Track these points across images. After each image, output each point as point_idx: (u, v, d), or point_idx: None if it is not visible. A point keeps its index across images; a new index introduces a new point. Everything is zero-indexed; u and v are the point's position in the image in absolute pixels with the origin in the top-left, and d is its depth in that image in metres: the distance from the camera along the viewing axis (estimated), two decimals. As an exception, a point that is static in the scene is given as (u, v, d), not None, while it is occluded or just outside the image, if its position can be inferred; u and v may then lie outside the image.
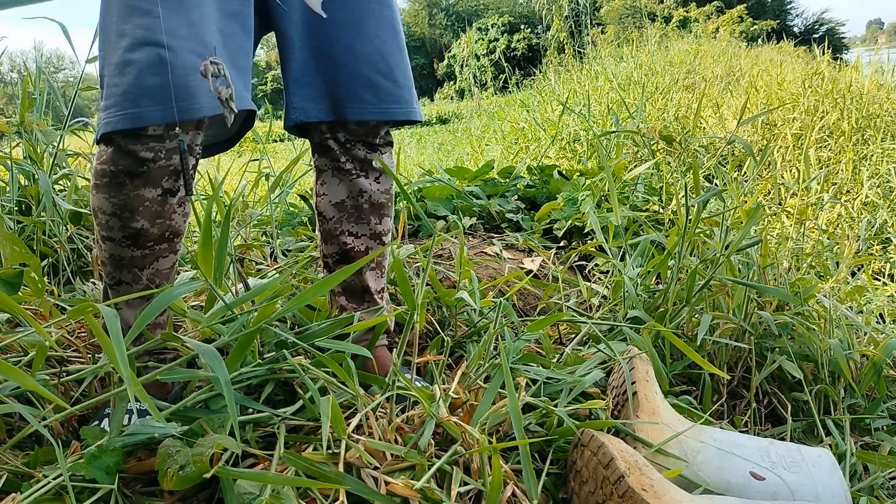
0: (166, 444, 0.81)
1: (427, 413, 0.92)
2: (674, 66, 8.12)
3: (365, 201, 1.21)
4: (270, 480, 0.78)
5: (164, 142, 0.98)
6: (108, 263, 1.07)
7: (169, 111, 0.93)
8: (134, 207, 1.00)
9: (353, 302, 1.25)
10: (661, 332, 1.33)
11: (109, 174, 0.99)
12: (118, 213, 1.01)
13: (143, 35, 0.93)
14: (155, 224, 1.03)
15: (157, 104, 0.93)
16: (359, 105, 1.12)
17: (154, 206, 1.02)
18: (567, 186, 2.47)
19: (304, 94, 1.12)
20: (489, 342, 1.13)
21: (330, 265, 1.26)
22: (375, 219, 1.24)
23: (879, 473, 1.22)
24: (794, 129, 4.69)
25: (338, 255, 1.24)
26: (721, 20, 19.66)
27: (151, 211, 1.02)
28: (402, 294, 1.00)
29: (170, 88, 0.92)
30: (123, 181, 0.99)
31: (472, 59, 26.32)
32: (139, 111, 0.93)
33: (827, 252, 2.28)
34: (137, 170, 0.98)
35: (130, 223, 1.01)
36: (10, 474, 0.81)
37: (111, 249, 1.04)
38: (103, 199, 1.01)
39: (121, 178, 0.99)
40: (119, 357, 0.71)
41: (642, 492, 0.84)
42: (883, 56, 6.99)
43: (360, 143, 1.19)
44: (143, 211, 1.01)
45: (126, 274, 1.06)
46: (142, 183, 0.99)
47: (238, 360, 0.94)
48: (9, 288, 1.03)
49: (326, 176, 1.22)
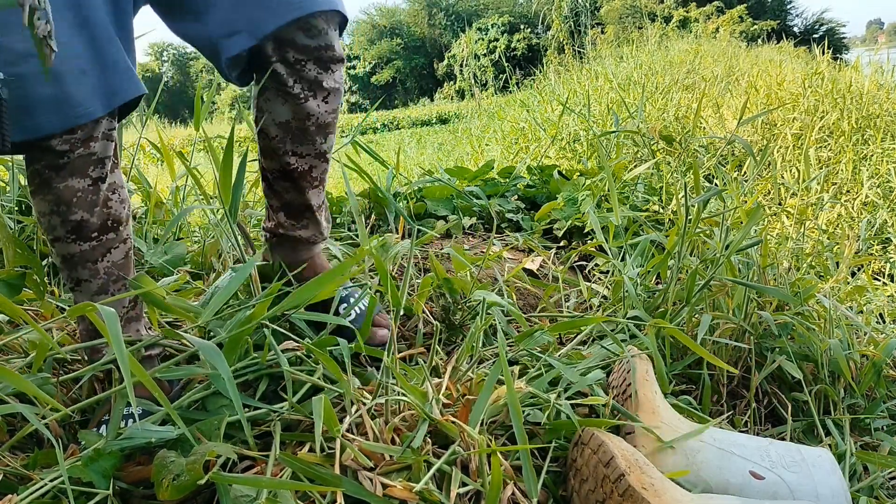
0: (161, 455, 0.81)
1: (420, 414, 0.92)
2: (674, 66, 8.12)
3: (312, 124, 1.18)
4: (265, 485, 0.78)
5: (75, 133, 0.99)
6: (63, 267, 1.08)
7: (66, 118, 0.95)
8: (68, 200, 1.02)
9: (291, 219, 1.27)
10: (660, 333, 1.33)
11: (37, 172, 1.01)
12: (55, 209, 1.02)
13: (24, 47, 0.90)
14: (94, 213, 1.04)
15: (53, 113, 0.95)
16: (278, 7, 1.05)
17: (88, 196, 1.03)
18: (567, 186, 2.47)
19: (235, 18, 1.06)
20: (477, 334, 1.13)
21: (270, 179, 1.27)
22: (321, 138, 1.22)
23: (879, 473, 1.22)
24: (794, 129, 4.69)
25: (279, 171, 1.24)
26: (721, 20, 19.66)
27: (86, 201, 1.03)
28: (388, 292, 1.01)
29: (63, 97, 0.94)
30: (50, 176, 1.01)
31: (471, 59, 26.32)
32: (36, 123, 0.94)
33: (827, 252, 2.28)
34: (58, 161, 1.00)
35: (69, 216, 1.03)
36: (7, 476, 0.81)
37: (60, 249, 1.06)
38: (39, 201, 1.03)
39: (46, 173, 1.01)
40: (119, 354, 0.71)
41: (642, 490, 0.84)
42: (883, 56, 6.99)
43: (312, 62, 1.12)
44: (78, 202, 1.03)
45: (82, 271, 1.07)
46: (67, 174, 1.01)
47: (232, 356, 0.94)
48: (11, 289, 1.04)
49: (270, 94, 1.16)
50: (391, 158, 2.71)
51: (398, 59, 31.23)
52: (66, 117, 0.96)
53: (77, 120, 0.97)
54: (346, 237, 2.15)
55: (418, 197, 2.41)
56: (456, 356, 1.12)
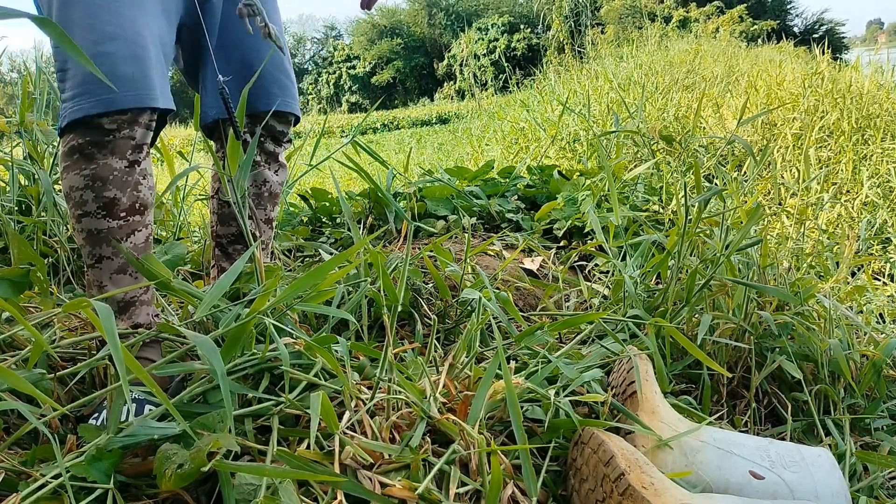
0: (164, 448, 0.81)
1: (417, 413, 0.92)
2: (674, 66, 8.12)
3: (266, 190, 1.41)
4: (268, 473, 0.78)
5: (125, 115, 1.06)
6: (86, 243, 1.11)
7: (140, 96, 1.05)
8: (104, 176, 1.07)
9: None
10: (661, 333, 1.33)
11: (77, 148, 1.07)
12: (90, 184, 1.07)
13: (113, 30, 1.05)
14: (125, 193, 1.09)
15: (131, 90, 1.04)
16: (268, 98, 1.31)
17: (123, 176, 1.09)
18: (567, 186, 2.47)
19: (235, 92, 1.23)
20: (474, 330, 1.13)
21: (224, 245, 1.43)
22: (270, 206, 1.43)
23: (879, 473, 1.22)
24: (794, 129, 4.68)
25: (234, 236, 1.42)
26: (721, 20, 19.66)
27: (121, 181, 1.09)
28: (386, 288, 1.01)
29: (139, 78, 1.05)
30: (92, 152, 1.06)
31: (471, 59, 26.32)
32: (114, 97, 1.03)
33: (827, 252, 2.28)
34: (103, 139, 1.06)
35: (103, 192, 1.08)
36: (6, 472, 0.81)
37: (88, 225, 1.09)
38: (75, 176, 1.08)
39: (89, 149, 1.06)
40: (114, 350, 0.71)
41: (643, 490, 0.84)
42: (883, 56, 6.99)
43: (271, 138, 1.39)
44: (114, 180, 1.08)
45: (105, 248, 1.10)
46: (108, 152, 1.07)
47: (233, 351, 0.94)
48: (16, 287, 1.04)
49: None
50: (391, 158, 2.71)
51: (398, 59, 31.25)
52: (140, 97, 1.06)
53: (150, 101, 1.07)
54: (346, 237, 2.16)
55: (418, 197, 2.41)
56: (453, 353, 1.12)
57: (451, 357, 1.10)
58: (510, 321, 1.35)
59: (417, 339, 1.39)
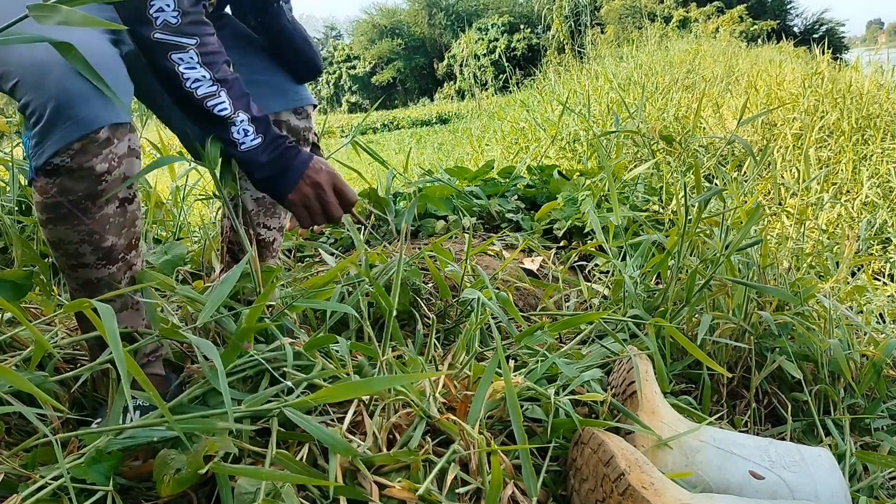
0: (162, 454, 0.81)
1: (417, 413, 0.92)
2: (674, 66, 8.12)
3: None
4: (265, 476, 0.78)
5: (112, 144, 0.94)
6: (82, 290, 1.02)
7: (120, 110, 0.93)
8: (102, 228, 0.97)
9: None
10: (661, 333, 1.33)
11: (68, 204, 0.94)
12: (87, 238, 0.97)
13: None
14: (122, 235, 1.00)
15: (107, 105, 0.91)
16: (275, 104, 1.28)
17: (117, 219, 0.99)
18: (567, 186, 2.47)
19: None
20: (473, 329, 1.13)
21: (235, 251, 1.42)
22: (284, 213, 1.43)
23: (879, 473, 1.22)
24: (794, 129, 4.68)
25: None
26: (721, 20, 19.65)
27: (116, 224, 0.99)
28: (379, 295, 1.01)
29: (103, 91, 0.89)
30: (87, 206, 0.95)
31: (471, 59, 26.33)
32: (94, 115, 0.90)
33: (827, 252, 2.28)
34: (97, 189, 0.94)
35: (102, 244, 0.98)
36: (7, 475, 0.81)
37: (85, 275, 1.00)
38: (66, 231, 0.96)
39: (83, 203, 0.94)
40: (115, 352, 0.71)
41: (643, 490, 0.84)
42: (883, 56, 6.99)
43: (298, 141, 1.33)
44: (111, 227, 0.99)
45: (105, 292, 1.01)
46: (104, 201, 0.96)
47: (234, 354, 0.94)
48: (19, 289, 1.04)
49: None
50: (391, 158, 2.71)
51: (398, 59, 31.23)
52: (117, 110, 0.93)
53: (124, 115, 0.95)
54: (346, 237, 2.16)
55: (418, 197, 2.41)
56: (452, 352, 1.12)
57: (450, 357, 1.10)
58: (510, 321, 1.36)
59: (417, 339, 1.39)
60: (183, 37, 1.03)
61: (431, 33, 31.54)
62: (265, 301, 0.99)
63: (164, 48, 1.02)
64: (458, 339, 1.17)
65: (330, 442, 0.79)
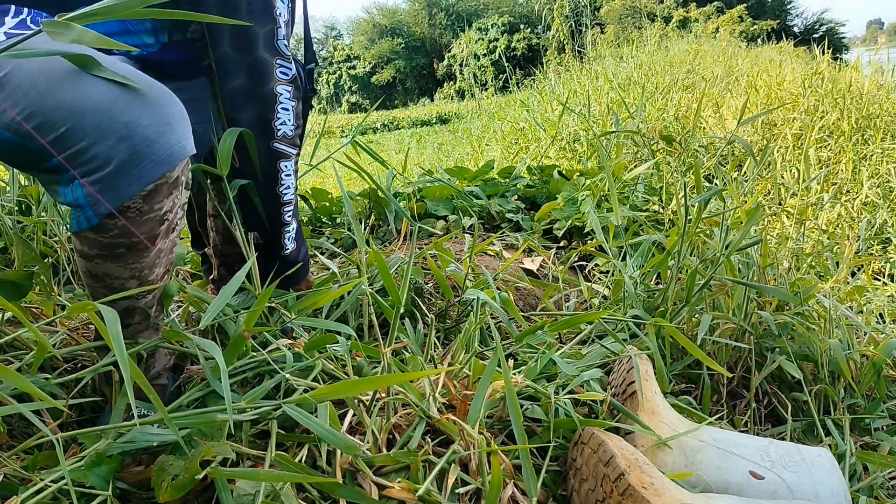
0: (161, 460, 0.81)
1: (416, 413, 0.92)
2: (674, 66, 8.12)
3: None
4: (262, 478, 0.77)
5: (181, 183, 0.91)
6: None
7: (189, 142, 0.88)
8: (153, 263, 0.94)
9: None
10: (661, 333, 1.33)
11: (126, 245, 0.89)
12: (137, 274, 0.93)
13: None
14: (162, 264, 0.98)
15: (179, 139, 0.86)
16: None
17: (166, 251, 0.97)
18: (567, 186, 2.47)
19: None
20: (473, 329, 1.13)
21: (231, 263, 1.38)
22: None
23: (879, 473, 1.22)
24: (794, 129, 4.69)
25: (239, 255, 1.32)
26: (721, 20, 19.66)
27: (164, 255, 0.97)
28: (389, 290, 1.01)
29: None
30: (146, 246, 0.91)
31: (471, 59, 26.33)
32: (170, 151, 0.85)
33: (827, 252, 2.28)
34: (159, 229, 0.91)
35: (148, 277, 0.95)
36: (8, 477, 0.81)
37: (122, 304, 0.96)
38: (116, 268, 0.92)
39: (143, 244, 0.90)
40: (119, 356, 0.71)
41: (643, 490, 0.84)
42: (883, 56, 6.99)
43: None
44: (161, 261, 0.96)
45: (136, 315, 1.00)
46: (161, 238, 0.93)
47: (235, 355, 0.94)
48: (19, 289, 1.03)
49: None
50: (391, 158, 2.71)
51: (398, 58, 31.24)
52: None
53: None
54: (346, 237, 2.16)
55: (418, 197, 2.42)
56: (452, 352, 1.12)
57: (449, 356, 1.10)
58: (510, 321, 1.36)
59: (418, 338, 1.39)
60: (292, 147, 1.18)
61: (431, 33, 31.55)
62: (265, 301, 0.99)
63: (277, 155, 1.16)
64: (457, 339, 1.17)
65: (332, 439, 0.79)
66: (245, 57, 1.09)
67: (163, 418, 0.88)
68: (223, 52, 1.09)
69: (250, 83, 1.10)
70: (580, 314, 1.38)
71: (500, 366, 0.93)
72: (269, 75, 1.11)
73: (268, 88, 1.11)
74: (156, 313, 1.02)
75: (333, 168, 1.60)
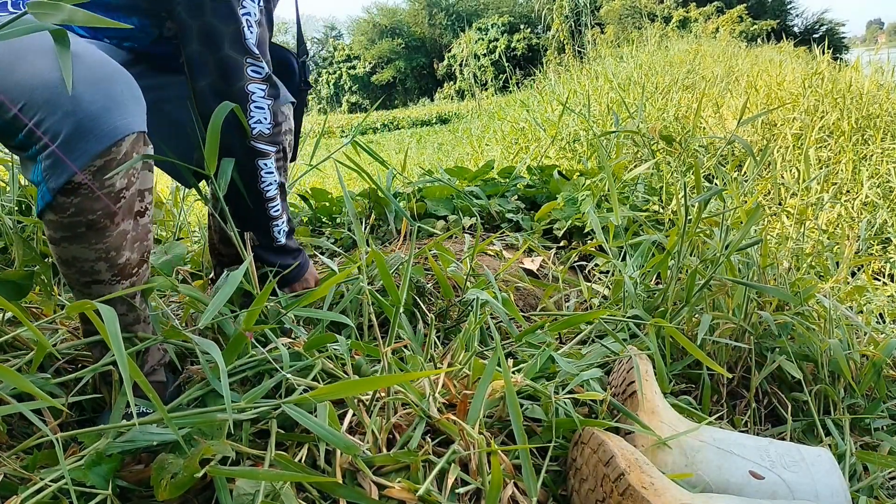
0: (160, 459, 0.81)
1: (416, 413, 0.92)
2: (674, 66, 8.12)
3: None
4: (262, 477, 0.77)
5: (131, 158, 0.92)
6: None
7: (137, 119, 0.90)
8: (118, 244, 0.95)
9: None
10: (661, 333, 1.33)
11: (86, 223, 0.91)
12: (104, 255, 0.95)
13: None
14: (135, 250, 0.99)
15: (125, 115, 0.89)
16: None
17: (132, 233, 0.98)
18: (567, 186, 2.47)
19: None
20: (473, 329, 1.13)
21: (227, 264, 1.44)
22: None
23: (879, 473, 1.22)
24: (794, 129, 4.69)
25: (236, 255, 1.40)
26: (721, 20, 19.66)
27: (130, 239, 0.97)
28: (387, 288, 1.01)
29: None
30: (105, 224, 0.92)
31: (471, 59, 26.33)
32: (114, 126, 0.87)
33: (827, 252, 2.28)
34: (116, 207, 0.92)
35: (117, 260, 0.96)
36: (7, 476, 0.81)
37: (98, 292, 0.98)
38: (82, 249, 0.93)
39: (102, 222, 0.92)
40: (118, 355, 0.71)
41: (643, 489, 0.84)
42: (883, 56, 6.98)
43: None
44: (127, 244, 0.97)
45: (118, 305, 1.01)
46: (121, 218, 0.94)
47: (234, 354, 0.94)
48: (20, 289, 1.04)
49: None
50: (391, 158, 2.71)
51: (398, 58, 31.25)
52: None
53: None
54: (346, 237, 2.16)
55: (418, 197, 2.42)
56: (452, 351, 1.12)
57: (449, 356, 1.10)
58: (510, 321, 1.36)
59: (418, 338, 1.39)
60: (270, 145, 1.20)
61: (431, 33, 31.55)
62: (264, 300, 0.99)
63: (254, 154, 1.19)
64: (457, 338, 1.17)
65: (331, 439, 0.79)
66: (213, 55, 1.11)
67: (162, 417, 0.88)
68: (192, 49, 1.11)
69: (220, 81, 1.12)
70: (580, 314, 1.38)
71: (500, 365, 0.93)
72: (239, 74, 1.12)
73: (238, 87, 1.13)
74: (140, 304, 1.04)
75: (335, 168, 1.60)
